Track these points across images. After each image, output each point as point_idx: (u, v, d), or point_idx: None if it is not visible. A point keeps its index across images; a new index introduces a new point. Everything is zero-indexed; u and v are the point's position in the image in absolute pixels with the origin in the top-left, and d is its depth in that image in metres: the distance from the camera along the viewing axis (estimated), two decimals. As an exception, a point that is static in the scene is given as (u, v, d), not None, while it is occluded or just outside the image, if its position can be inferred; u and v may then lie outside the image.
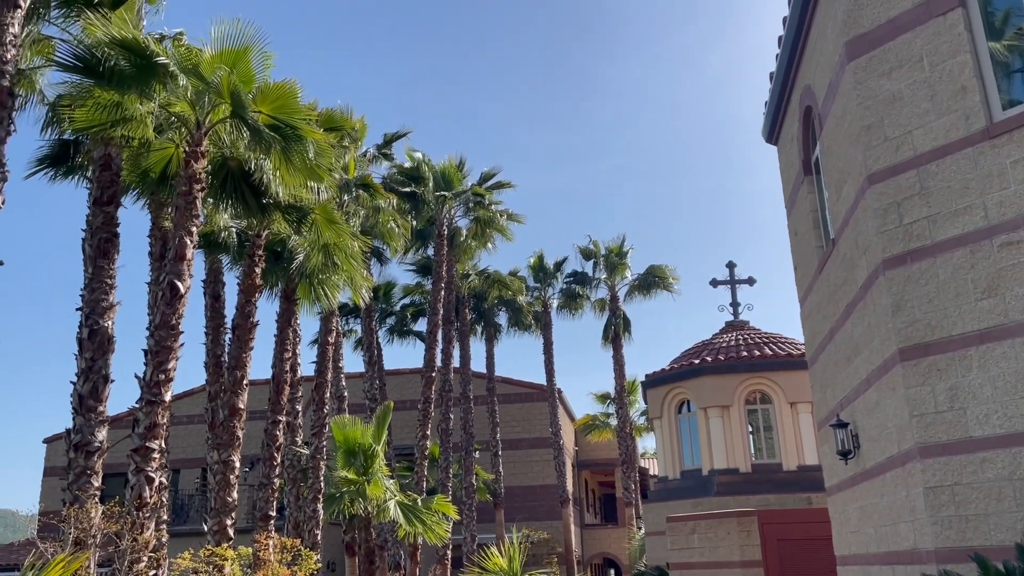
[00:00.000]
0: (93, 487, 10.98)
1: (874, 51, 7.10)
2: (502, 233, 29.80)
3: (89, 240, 12.26)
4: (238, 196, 14.10)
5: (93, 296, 11.93)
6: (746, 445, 16.83)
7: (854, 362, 7.87)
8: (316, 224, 16.10)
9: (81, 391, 11.51)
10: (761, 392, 17.04)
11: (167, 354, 11.56)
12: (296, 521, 19.44)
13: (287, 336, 18.47)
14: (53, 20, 12.85)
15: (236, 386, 15.55)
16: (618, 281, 34.31)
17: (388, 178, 26.93)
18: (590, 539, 38.44)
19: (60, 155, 13.98)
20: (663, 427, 18.28)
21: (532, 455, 34.98)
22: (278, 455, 17.71)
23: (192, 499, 31.92)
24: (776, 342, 17.75)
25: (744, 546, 13.11)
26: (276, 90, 12.07)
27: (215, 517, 14.61)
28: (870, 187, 6.93)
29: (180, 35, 13.92)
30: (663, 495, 17.82)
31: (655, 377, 18.44)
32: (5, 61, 9.89)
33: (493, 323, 34.56)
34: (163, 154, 13.41)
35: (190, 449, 32.65)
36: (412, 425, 29.53)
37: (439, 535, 18.85)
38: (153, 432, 11.24)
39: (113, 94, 11.57)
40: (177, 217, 12.07)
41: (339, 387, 24.70)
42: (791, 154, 10.34)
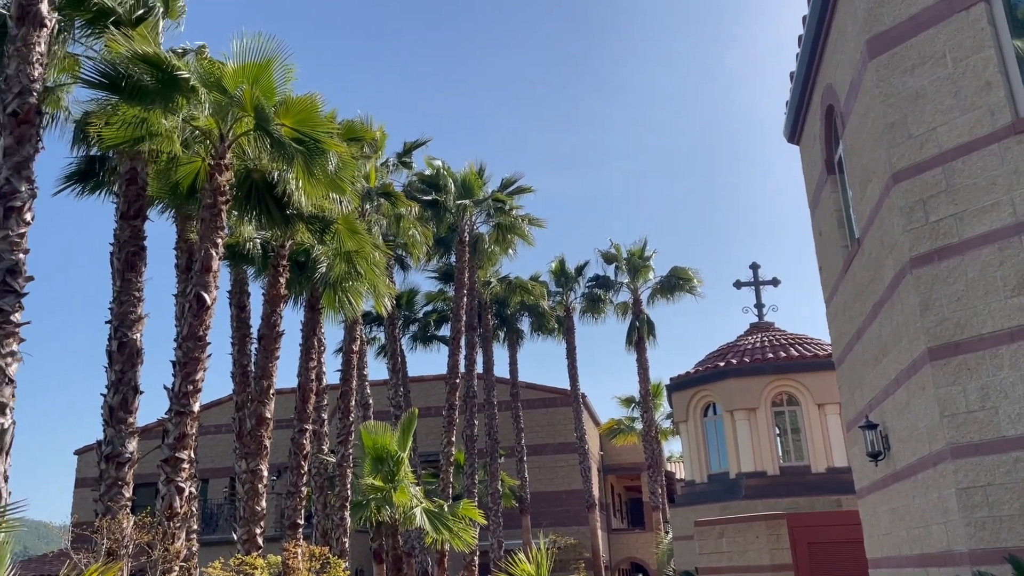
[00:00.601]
0: (124, 498, 11.11)
1: (896, 48, 7.05)
2: (524, 238, 29.82)
3: (117, 254, 12.43)
4: (262, 207, 14.23)
5: (121, 309, 12.09)
6: (774, 448, 16.70)
7: (882, 362, 7.80)
8: (339, 234, 16.21)
9: (111, 403, 11.66)
10: (788, 394, 16.91)
11: (195, 365, 11.68)
12: (324, 529, 19.54)
13: (312, 345, 18.58)
14: (78, 38, 13.08)
15: (263, 396, 15.67)
16: (640, 284, 34.19)
17: (409, 186, 27.06)
18: (617, 544, 38.26)
19: (87, 171, 14.20)
20: (689, 431, 18.18)
21: (557, 460, 34.90)
22: (305, 463, 17.82)
23: (221, 508, 32.16)
24: (802, 343, 17.60)
25: (774, 550, 13.00)
26: (299, 103, 12.17)
27: (244, 526, 14.73)
28: (895, 185, 6.87)
29: (203, 48, 14.09)
30: (690, 499, 17.71)
31: (680, 380, 18.35)
32: (33, 79, 10.07)
33: (516, 329, 34.55)
34: (188, 168, 13.57)
35: (218, 459, 32.90)
36: (437, 432, 29.57)
37: (466, 541, 18.83)
38: (182, 443, 11.36)
39: (138, 110, 11.73)
40: (203, 229, 12.20)
41: (364, 395, 24.82)
42: (814, 153, 10.27)
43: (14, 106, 9.89)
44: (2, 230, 9.45)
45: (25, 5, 10.16)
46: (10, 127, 9.88)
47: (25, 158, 9.86)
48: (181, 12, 13.42)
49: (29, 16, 10.15)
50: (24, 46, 10.09)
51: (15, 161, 9.78)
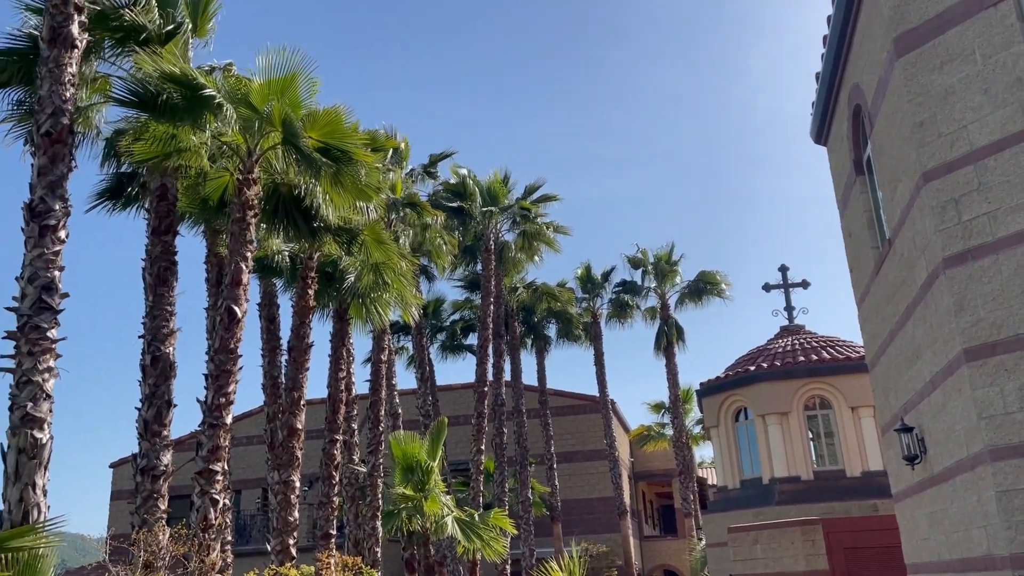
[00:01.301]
0: (160, 510, 11.25)
1: (923, 46, 6.96)
2: (549, 245, 29.82)
3: (149, 269, 12.62)
4: (289, 220, 14.39)
5: (154, 323, 12.26)
6: (807, 452, 16.51)
7: (917, 364, 7.68)
8: (365, 245, 16.33)
9: (146, 416, 11.81)
10: (820, 397, 16.71)
11: (227, 378, 11.81)
12: (356, 539, 19.61)
13: (341, 356, 18.72)
14: (107, 57, 13.32)
15: (294, 407, 15.80)
16: (668, 289, 34.01)
17: (434, 196, 27.20)
18: (649, 551, 37.99)
19: (118, 188, 14.44)
20: (720, 436, 18.03)
21: (587, 467, 34.75)
22: (336, 474, 17.92)
23: (254, 519, 32.43)
24: (834, 346, 17.39)
25: (809, 556, 12.84)
26: (324, 116, 12.30)
27: (277, 537, 14.84)
28: (926, 184, 6.78)
29: (230, 66, 14.29)
30: (723, 505, 17.55)
31: (710, 385, 18.22)
32: (65, 100, 10.27)
33: (543, 336, 34.51)
34: (217, 183, 13.75)
35: (250, 469, 33.20)
36: (466, 440, 29.60)
37: (497, 551, 18.81)
38: (216, 455, 11.48)
39: (167, 127, 11.91)
40: (232, 243, 12.34)
41: (393, 404, 24.92)
42: (841, 154, 10.17)
43: (47, 126, 10.09)
44: (37, 248, 9.64)
45: (56, 27, 10.37)
46: (43, 147, 10.08)
47: (59, 177, 10.06)
48: (211, 31, 13.62)
49: (60, 38, 10.36)
50: (56, 67, 10.29)
51: (49, 180, 9.98)
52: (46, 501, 9.04)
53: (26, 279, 9.54)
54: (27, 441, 8.96)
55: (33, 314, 9.35)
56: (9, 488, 8.93)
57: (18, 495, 8.88)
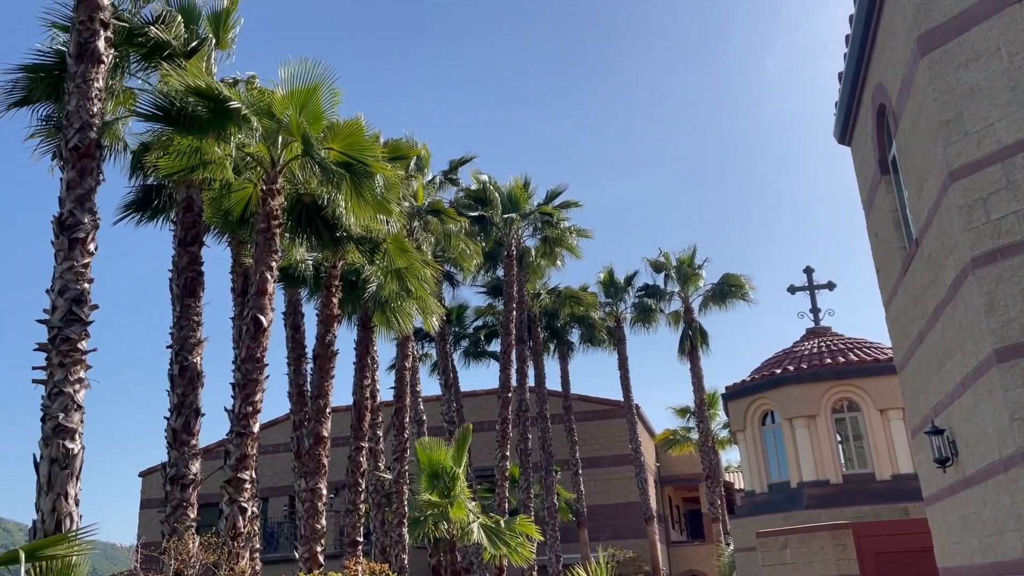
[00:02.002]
0: (190, 518, 11.35)
1: (948, 44, 6.89)
2: (571, 251, 29.76)
3: (176, 280, 12.76)
4: (312, 230, 14.49)
5: (182, 333, 12.40)
6: (835, 455, 16.33)
7: (947, 365, 7.59)
8: (388, 253, 16.40)
9: (174, 425, 11.94)
10: (848, 400, 16.53)
11: (254, 386, 11.90)
12: (383, 546, 19.67)
13: (366, 363, 18.80)
14: (133, 72, 13.52)
15: (320, 414, 15.89)
16: (692, 292, 33.82)
17: (455, 202, 27.24)
18: (677, 557, 37.73)
19: (145, 200, 14.63)
20: (747, 440, 17.89)
21: (613, 473, 34.60)
22: (362, 481, 17.99)
23: (281, 527, 32.60)
24: (861, 347, 17.20)
25: (840, 560, 12.69)
26: (346, 128, 12.39)
27: (305, 544, 14.92)
28: (953, 183, 6.71)
29: (252, 78, 14.44)
30: (751, 510, 17.40)
31: (736, 389, 18.09)
32: (92, 114, 10.43)
33: (566, 341, 34.43)
34: (242, 194, 13.89)
35: (277, 477, 33.41)
36: (490, 446, 29.58)
37: (524, 557, 18.78)
38: (244, 463, 11.57)
39: (192, 139, 12.06)
40: (257, 253, 12.45)
41: (418, 411, 24.97)
42: (866, 154, 10.08)
43: (75, 141, 10.26)
44: (67, 261, 9.79)
45: (83, 43, 10.54)
46: (72, 161, 10.24)
47: (87, 190, 10.21)
48: (232, 43, 13.77)
49: (87, 53, 10.53)
50: (83, 82, 10.46)
51: (78, 194, 10.13)
52: (78, 510, 9.16)
53: (56, 292, 9.69)
54: (59, 451, 9.08)
55: (64, 326, 9.48)
56: (42, 498, 9.06)
57: (51, 505, 9.00)
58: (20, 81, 12.70)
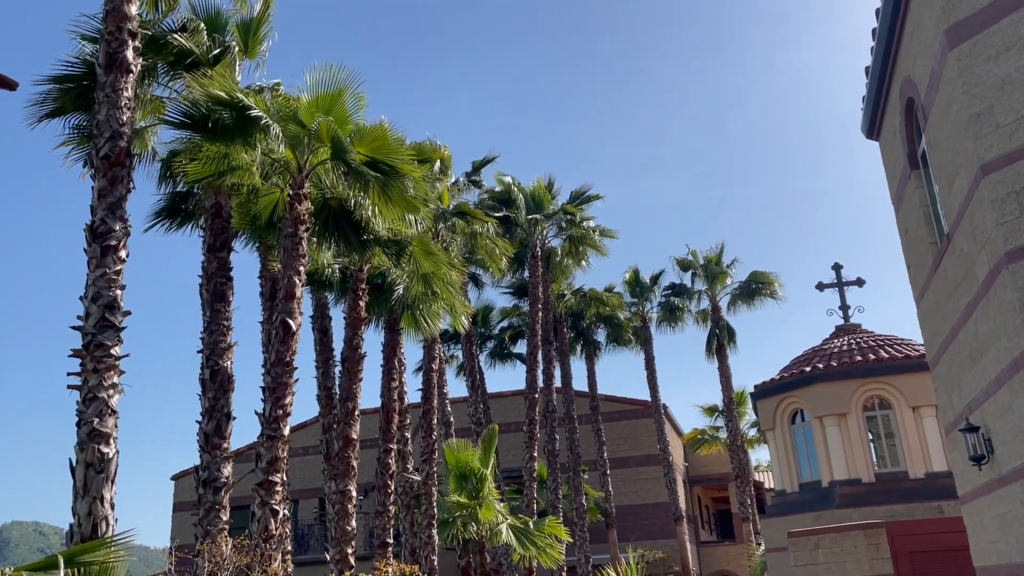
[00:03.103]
0: (222, 521, 11.48)
1: (977, 36, 6.79)
2: (596, 249, 29.67)
3: (206, 285, 12.91)
4: (339, 234, 14.59)
5: (212, 338, 12.54)
6: (867, 453, 16.14)
7: (980, 362, 7.48)
8: (414, 256, 16.46)
9: (206, 429, 12.08)
10: (880, 397, 16.33)
11: (283, 390, 12.01)
12: (412, 547, 19.75)
13: (393, 366, 18.89)
14: (161, 81, 13.72)
15: (348, 417, 15.99)
16: (719, 291, 33.60)
17: (480, 204, 27.27)
18: (707, 557, 37.49)
19: (174, 207, 14.81)
20: (777, 439, 17.73)
21: (641, 473, 34.47)
22: (391, 483, 18.07)
23: (311, 528, 32.85)
24: (892, 344, 16.99)
25: (873, 560, 12.54)
26: (372, 132, 12.46)
27: (336, 546, 15.01)
28: (984, 177, 6.61)
29: (277, 85, 14.58)
30: (782, 509, 17.25)
31: (765, 387, 17.94)
32: (122, 123, 10.57)
33: (592, 341, 34.35)
34: (269, 199, 14.02)
35: (307, 480, 33.65)
36: (518, 447, 29.58)
37: (553, 557, 18.75)
38: (275, 466, 11.68)
39: (219, 146, 12.20)
40: (285, 258, 12.57)
41: (445, 413, 25.03)
42: (894, 149, 9.96)
43: (106, 150, 10.40)
44: (100, 268, 9.93)
45: (112, 53, 10.68)
46: (103, 170, 10.38)
47: (118, 198, 10.34)
48: (263, 53, 13.90)
49: (116, 63, 10.67)
50: (113, 92, 10.60)
51: (109, 202, 10.27)
52: (113, 514, 9.28)
53: (89, 298, 9.84)
54: (94, 456, 9.22)
55: (97, 332, 9.63)
56: (78, 501, 9.20)
57: (87, 509, 9.14)
58: (51, 93, 12.92)
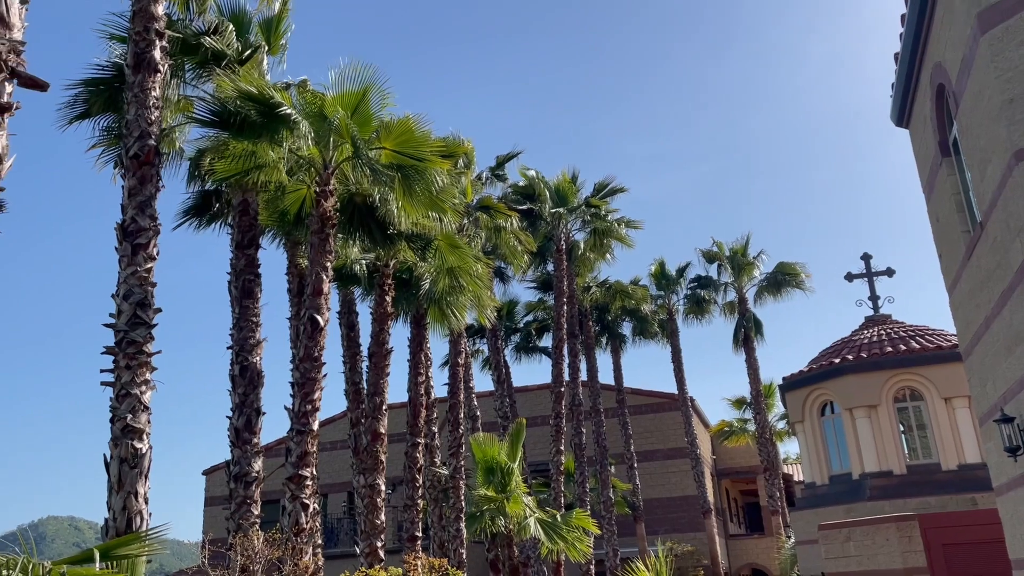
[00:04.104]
0: (254, 515, 11.61)
1: (1009, 20, 6.67)
2: (621, 241, 29.55)
3: (234, 282, 13.04)
4: (365, 229, 14.66)
5: (241, 335, 12.67)
6: (899, 445, 15.96)
7: (1016, 352, 7.36)
8: (439, 250, 16.51)
9: (236, 424, 12.22)
10: (911, 388, 16.13)
11: (312, 385, 12.11)
12: (441, 541, 19.84)
13: (420, 360, 18.97)
14: (188, 80, 13.85)
15: (376, 412, 16.09)
16: (746, 282, 33.35)
17: (503, 199, 27.26)
18: (736, 550, 37.31)
19: (202, 205, 14.96)
20: (806, 431, 17.59)
21: (669, 466, 34.35)
22: (419, 476, 18.16)
23: (340, 523, 33.12)
24: (923, 335, 16.77)
25: (906, 552, 12.41)
26: (398, 126, 12.50)
27: (366, 540, 15.13)
28: (1018, 164, 6.49)
29: (304, 82, 14.65)
30: (812, 502, 17.11)
31: (794, 379, 17.79)
32: (151, 123, 10.69)
33: (618, 334, 34.27)
34: (295, 196, 14.12)
35: (335, 474, 33.91)
36: (544, 441, 29.59)
37: (581, 551, 18.76)
38: (305, 460, 11.78)
39: (246, 144, 12.29)
40: (312, 254, 12.65)
41: (472, 407, 25.10)
42: (925, 136, 9.81)
43: (135, 149, 10.53)
44: (131, 266, 10.06)
45: (140, 53, 10.80)
46: (132, 169, 10.52)
47: (147, 197, 10.47)
48: (283, 48, 14.00)
49: (144, 63, 10.79)
50: (141, 92, 10.73)
51: (139, 201, 10.40)
52: (147, 508, 9.42)
53: (121, 296, 9.97)
54: (128, 451, 9.36)
55: (129, 329, 9.76)
56: (113, 496, 9.35)
57: (122, 503, 9.28)
58: (80, 95, 13.09)
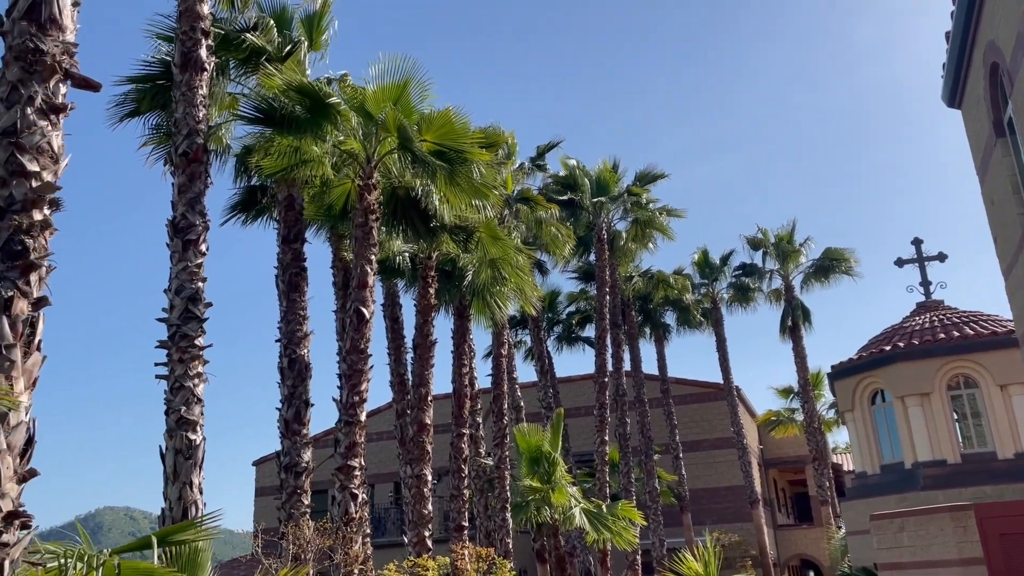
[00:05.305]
0: (304, 505, 11.81)
1: (1070, -7, 6.46)
2: (663, 231, 29.32)
3: (281, 276, 13.24)
4: (408, 222, 14.78)
5: (289, 328, 12.87)
6: (952, 434, 15.61)
7: (1077, 336, 7.15)
8: (481, 241, 16.57)
9: (286, 416, 12.43)
10: (965, 376, 15.76)
11: (359, 377, 12.26)
12: (487, 530, 19.98)
13: (463, 351, 19.08)
14: (233, 78, 14.06)
15: (422, 403, 16.24)
16: (792, 269, 32.87)
17: (544, 189, 27.23)
18: (784, 540, 36.90)
19: (249, 200, 15.22)
20: (856, 420, 17.30)
21: (715, 456, 34.07)
22: (465, 467, 18.29)
23: (387, 512, 33.52)
24: (978, 320, 16.35)
25: (961, 543, 12.14)
26: (439, 118, 12.56)
27: (413, 529, 15.30)
28: (1080, 143, 6.30)
29: (345, 76, 14.79)
30: (862, 492, 16.84)
31: (843, 367, 17.49)
32: (198, 120, 10.89)
33: (661, 324, 34.06)
34: (340, 190, 14.28)
35: (382, 464, 34.29)
36: (588, 431, 29.56)
37: (628, 540, 18.74)
38: (353, 451, 11.94)
39: (291, 139, 12.46)
40: (356, 248, 12.79)
41: (515, 398, 25.18)
42: (978, 117, 9.56)
43: (184, 147, 10.74)
44: (182, 262, 10.27)
45: (186, 52, 11.00)
46: (182, 166, 10.73)
47: (197, 194, 10.68)
48: (325, 44, 14.14)
49: (191, 62, 10.99)
50: (188, 90, 10.93)
51: (188, 198, 10.61)
52: (202, 498, 9.64)
53: (173, 291, 10.19)
54: (183, 443, 9.58)
55: (181, 324, 9.98)
56: (169, 487, 9.58)
57: (177, 493, 9.51)
58: (129, 93, 13.38)
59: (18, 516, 5.15)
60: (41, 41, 6.05)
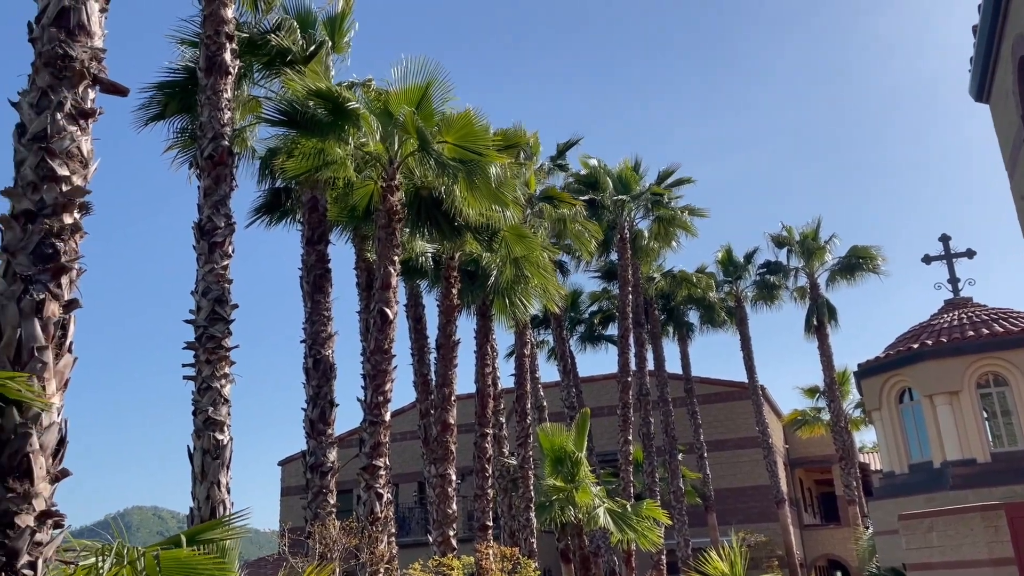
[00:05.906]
0: (330, 504, 11.89)
1: (1102, -16, 6.35)
2: (686, 230, 29.17)
3: (305, 277, 13.33)
4: (431, 222, 14.83)
5: (313, 329, 12.95)
6: (982, 432, 15.39)
7: (1111, 333, 7.02)
8: (505, 240, 16.58)
9: (311, 416, 12.51)
10: (995, 373, 15.54)
11: (383, 377, 12.32)
12: (511, 530, 19.99)
13: (486, 351, 19.11)
14: (257, 81, 14.19)
15: (445, 403, 16.29)
16: (817, 267, 32.57)
17: (565, 188, 27.18)
18: (811, 540, 36.59)
19: (273, 203, 15.33)
20: (883, 419, 17.11)
21: (740, 455, 33.85)
22: (489, 466, 18.32)
23: (412, 512, 33.64)
24: (1007, 318, 16.11)
25: (992, 543, 11.98)
26: (459, 120, 12.60)
27: (438, 528, 15.35)
28: (1113, 136, 6.19)
29: (369, 80, 14.87)
30: (890, 491, 16.66)
31: (870, 366, 17.30)
32: (223, 123, 10.99)
33: (684, 323, 33.90)
34: (363, 191, 14.36)
35: (406, 464, 34.44)
36: (612, 431, 29.49)
37: (652, 540, 18.66)
38: (378, 451, 12.01)
39: (315, 141, 12.55)
40: (380, 249, 12.85)
41: (538, 397, 25.17)
42: (1007, 111, 9.43)
43: (209, 150, 10.85)
44: (208, 264, 10.38)
45: (211, 56, 11.12)
46: (207, 169, 10.84)
47: (222, 196, 10.78)
48: (347, 46, 14.22)
49: (215, 66, 11.10)
50: (213, 94, 11.04)
51: (214, 200, 10.71)
52: (230, 497, 9.73)
53: (200, 293, 10.30)
54: (210, 443, 9.68)
55: (208, 325, 10.08)
56: (197, 486, 9.68)
57: (205, 493, 9.61)
58: (155, 97, 13.55)
59: (51, 515, 5.22)
60: (70, 47, 6.13)
